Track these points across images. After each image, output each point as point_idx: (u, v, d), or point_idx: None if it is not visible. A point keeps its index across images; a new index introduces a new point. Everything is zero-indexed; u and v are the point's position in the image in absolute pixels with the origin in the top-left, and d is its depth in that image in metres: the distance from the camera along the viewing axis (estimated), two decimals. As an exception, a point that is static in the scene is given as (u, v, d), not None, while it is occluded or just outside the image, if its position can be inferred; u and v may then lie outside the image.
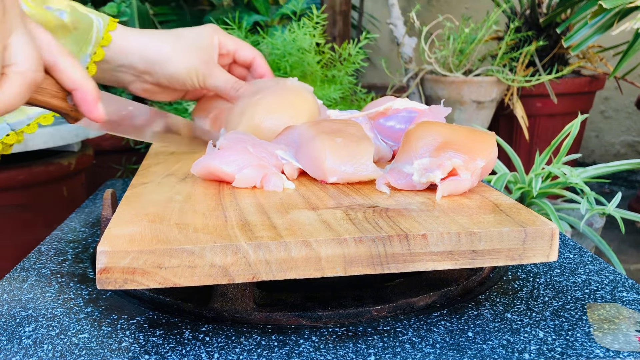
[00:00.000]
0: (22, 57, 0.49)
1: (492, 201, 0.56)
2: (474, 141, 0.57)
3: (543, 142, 1.92)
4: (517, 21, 1.83)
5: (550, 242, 0.49)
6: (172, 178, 0.65)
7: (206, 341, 0.50)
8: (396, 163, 0.60)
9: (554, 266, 0.66)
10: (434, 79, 1.81)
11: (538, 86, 1.83)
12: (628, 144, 2.70)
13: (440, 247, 0.48)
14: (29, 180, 1.13)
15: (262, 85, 0.80)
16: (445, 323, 0.53)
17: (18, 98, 0.49)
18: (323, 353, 0.48)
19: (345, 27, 1.80)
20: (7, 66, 0.48)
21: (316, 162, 0.61)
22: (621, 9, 1.46)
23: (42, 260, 0.69)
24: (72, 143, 1.23)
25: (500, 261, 0.49)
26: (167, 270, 0.45)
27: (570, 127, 1.21)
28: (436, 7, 2.84)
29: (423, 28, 1.74)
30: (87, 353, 0.48)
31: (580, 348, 0.48)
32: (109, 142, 1.59)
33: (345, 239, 0.47)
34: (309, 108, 0.77)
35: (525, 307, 0.56)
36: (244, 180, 0.60)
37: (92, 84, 0.57)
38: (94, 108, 0.57)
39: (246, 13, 1.73)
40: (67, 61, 0.54)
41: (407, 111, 0.71)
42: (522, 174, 1.25)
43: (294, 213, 0.52)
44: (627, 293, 0.59)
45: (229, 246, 0.45)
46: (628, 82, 1.89)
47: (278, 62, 1.22)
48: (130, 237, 0.46)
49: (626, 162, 1.22)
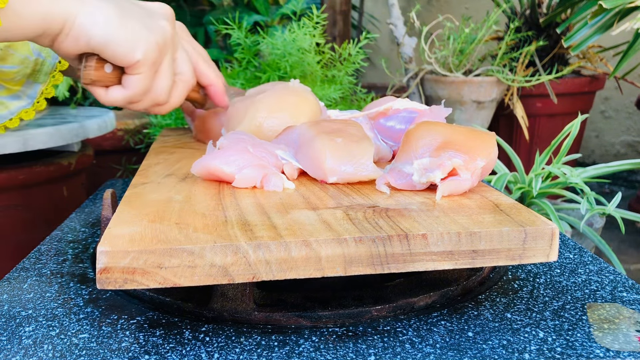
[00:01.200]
0: (185, 67, 0.65)
1: (492, 201, 0.56)
2: (474, 141, 0.57)
3: (543, 142, 1.92)
4: (517, 21, 1.83)
5: (551, 242, 0.49)
6: (172, 178, 0.65)
7: (206, 341, 0.50)
8: (396, 163, 0.60)
9: (554, 266, 0.66)
10: (434, 79, 1.81)
11: (538, 86, 1.83)
12: (628, 144, 2.70)
13: (440, 247, 0.48)
14: (29, 180, 1.13)
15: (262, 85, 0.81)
16: (445, 323, 0.53)
17: (183, 97, 0.67)
18: (323, 353, 0.48)
19: (345, 27, 1.80)
20: (176, 75, 0.65)
21: (316, 162, 0.61)
22: (621, 9, 1.46)
23: (42, 260, 0.69)
24: (72, 143, 1.23)
25: (500, 261, 0.49)
26: (167, 270, 0.45)
27: (570, 127, 1.21)
28: (436, 7, 2.84)
29: (423, 28, 1.75)
30: (87, 353, 0.48)
31: (581, 348, 0.48)
32: (109, 142, 1.59)
33: (345, 239, 0.47)
34: (310, 108, 0.77)
35: (525, 307, 0.56)
36: (244, 180, 0.60)
37: (221, 81, 0.75)
38: (224, 99, 0.77)
39: (246, 13, 1.73)
40: (204, 64, 0.72)
41: (407, 111, 0.71)
42: (522, 174, 1.25)
43: (294, 213, 0.52)
44: (627, 293, 0.59)
45: (229, 246, 0.45)
46: (628, 82, 1.89)
47: (278, 62, 1.22)
48: (131, 237, 0.46)
49: (626, 162, 1.22)
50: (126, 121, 1.62)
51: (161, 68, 0.61)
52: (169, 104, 0.66)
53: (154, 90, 0.62)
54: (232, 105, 0.79)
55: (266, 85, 0.82)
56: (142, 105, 0.63)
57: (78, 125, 1.16)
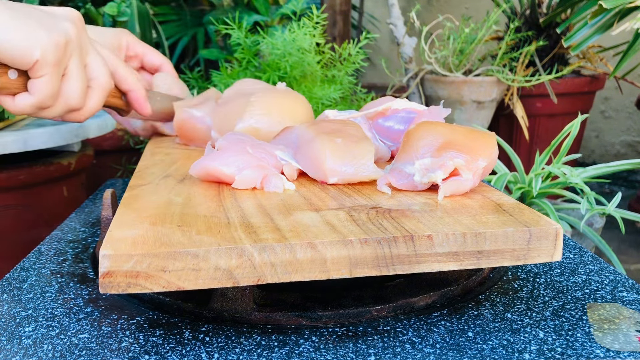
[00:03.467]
0: (99, 72, 0.64)
1: (494, 201, 0.56)
2: (475, 141, 0.57)
3: (543, 142, 1.92)
4: (517, 21, 1.83)
5: (555, 242, 0.49)
6: (170, 180, 0.65)
7: (206, 341, 0.50)
8: (397, 163, 0.60)
9: (554, 266, 0.66)
10: (434, 79, 1.81)
11: (538, 86, 1.83)
12: (628, 144, 2.70)
13: (445, 248, 0.48)
14: (29, 180, 1.13)
15: (251, 87, 0.80)
16: (445, 323, 0.52)
17: (100, 103, 0.65)
18: (323, 353, 0.48)
19: (345, 27, 1.80)
20: (90, 79, 0.63)
21: (316, 162, 0.61)
22: (621, 9, 1.46)
23: (42, 260, 0.69)
24: (72, 143, 1.23)
25: (505, 261, 0.49)
26: (171, 273, 0.45)
27: (570, 127, 1.21)
28: (436, 7, 2.84)
29: (423, 28, 1.74)
30: (87, 353, 0.48)
31: (581, 348, 0.48)
32: (109, 142, 1.59)
33: (350, 240, 0.46)
34: (303, 109, 0.77)
35: (526, 307, 0.56)
36: (244, 182, 0.60)
37: (142, 87, 0.73)
38: (144, 106, 0.74)
39: (246, 13, 1.73)
40: (124, 69, 0.70)
41: (406, 112, 0.71)
42: (522, 174, 1.25)
43: (297, 214, 0.52)
44: (627, 293, 0.59)
45: (233, 249, 0.45)
46: (628, 82, 1.89)
47: (278, 62, 1.22)
48: (133, 240, 0.46)
49: (626, 162, 1.22)
50: None
51: (69, 70, 0.60)
52: (85, 110, 0.64)
53: (64, 94, 0.61)
54: (221, 106, 0.78)
55: (255, 82, 0.81)
56: (55, 111, 0.62)
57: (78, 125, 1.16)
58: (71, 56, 0.60)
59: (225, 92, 0.81)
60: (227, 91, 0.81)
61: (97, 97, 0.64)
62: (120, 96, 0.72)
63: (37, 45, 0.56)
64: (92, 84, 0.64)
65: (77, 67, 0.61)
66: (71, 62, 0.60)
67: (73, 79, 0.61)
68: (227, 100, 0.78)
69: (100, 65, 0.64)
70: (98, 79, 0.64)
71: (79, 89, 0.61)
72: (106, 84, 0.65)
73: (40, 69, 0.57)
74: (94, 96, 0.64)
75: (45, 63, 0.57)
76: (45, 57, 0.57)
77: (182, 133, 0.81)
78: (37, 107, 0.60)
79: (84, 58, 0.62)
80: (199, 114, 0.79)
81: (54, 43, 0.57)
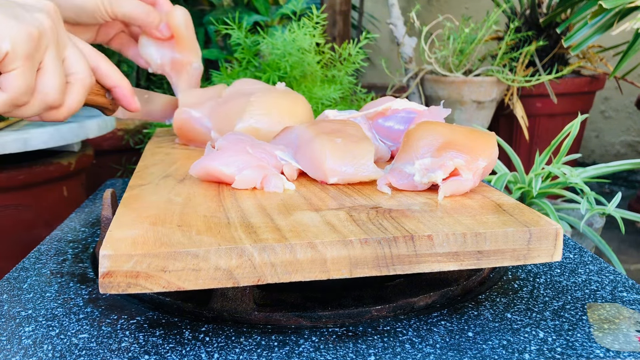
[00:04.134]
0: (78, 66, 0.60)
1: (494, 201, 0.56)
2: (475, 141, 0.57)
3: (543, 142, 1.92)
4: (517, 21, 1.83)
5: (555, 242, 0.49)
6: (170, 179, 0.65)
7: (206, 341, 0.50)
8: (397, 163, 0.60)
9: (554, 266, 0.66)
10: (434, 79, 1.81)
11: (538, 86, 1.83)
12: (628, 144, 2.70)
13: (445, 248, 0.48)
14: (29, 180, 1.13)
15: (250, 87, 0.80)
16: (445, 323, 0.52)
17: (81, 100, 0.61)
18: (323, 353, 0.48)
19: (345, 27, 1.80)
20: (69, 75, 0.59)
21: (316, 162, 0.61)
22: (621, 9, 1.46)
23: (42, 260, 0.69)
24: (72, 143, 1.23)
25: (505, 262, 0.49)
26: (171, 273, 0.45)
27: (570, 127, 1.21)
28: (436, 7, 2.84)
29: (423, 28, 1.74)
30: (87, 353, 0.48)
31: (581, 348, 0.48)
32: (109, 142, 1.59)
33: (351, 240, 0.46)
34: (303, 109, 0.77)
35: (526, 307, 0.56)
36: (244, 182, 0.60)
37: (127, 82, 0.68)
38: (132, 101, 0.69)
39: (246, 13, 1.73)
40: (106, 64, 0.66)
41: (406, 112, 0.71)
42: (522, 174, 1.25)
43: (297, 214, 0.52)
44: (627, 293, 0.59)
45: (233, 249, 0.45)
46: (628, 82, 1.89)
47: (278, 62, 1.22)
48: (133, 240, 0.46)
49: (626, 162, 1.22)
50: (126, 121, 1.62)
51: (44, 64, 0.56)
52: (65, 107, 0.60)
53: (40, 90, 0.57)
54: (220, 105, 0.78)
55: (254, 82, 0.81)
56: (32, 109, 0.58)
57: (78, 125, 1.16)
58: (46, 49, 0.56)
59: (226, 90, 0.81)
60: (227, 89, 0.81)
61: (77, 93, 0.60)
62: (103, 93, 0.68)
63: (6, 35, 0.52)
64: (71, 79, 0.60)
65: (53, 60, 0.57)
66: (46, 55, 0.56)
67: (49, 73, 0.57)
68: (226, 100, 0.78)
69: (78, 59, 0.60)
70: (77, 74, 0.60)
71: (56, 84, 0.57)
72: (86, 78, 0.61)
73: (11, 62, 0.53)
74: (73, 92, 0.60)
75: (16, 55, 0.53)
76: (15, 49, 0.53)
77: (181, 133, 0.81)
78: (11, 104, 0.56)
79: (61, 52, 0.58)
80: (198, 115, 0.79)
81: (26, 34, 0.53)
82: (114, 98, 0.69)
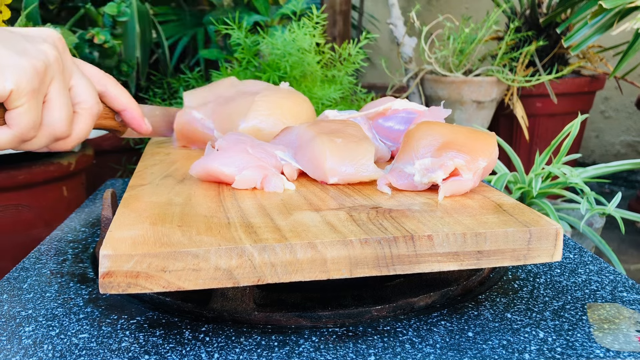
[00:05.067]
0: (85, 95, 0.58)
1: (495, 201, 0.56)
2: (475, 141, 0.57)
3: (543, 142, 1.92)
4: (517, 21, 1.83)
5: (555, 242, 0.49)
6: (170, 180, 0.65)
7: (206, 341, 0.50)
8: (397, 163, 0.60)
9: (554, 266, 0.66)
10: (434, 79, 1.81)
11: (538, 86, 1.83)
12: (628, 144, 2.70)
13: (445, 248, 0.48)
14: (29, 180, 1.13)
15: (252, 87, 0.80)
16: (445, 323, 0.53)
17: (89, 129, 0.60)
18: (323, 353, 0.48)
19: (345, 27, 1.80)
20: (76, 104, 0.58)
21: (316, 162, 0.61)
22: (621, 9, 1.46)
23: (42, 260, 0.69)
24: (72, 143, 1.23)
25: (505, 262, 0.49)
26: (171, 273, 0.45)
27: (570, 127, 1.21)
28: (436, 7, 2.84)
29: (423, 28, 1.75)
30: (87, 353, 0.48)
31: (581, 348, 0.48)
32: (109, 142, 1.59)
33: (350, 240, 0.46)
34: (307, 110, 0.77)
35: (526, 307, 0.56)
36: (244, 182, 0.60)
37: (136, 104, 0.67)
38: (142, 123, 0.68)
39: (246, 13, 1.73)
40: (114, 87, 0.65)
41: (406, 112, 0.71)
42: (522, 174, 1.25)
43: (297, 214, 0.52)
44: (627, 293, 0.59)
45: (233, 249, 0.45)
46: (628, 82, 1.89)
47: (278, 62, 1.22)
48: (133, 241, 0.46)
49: (626, 162, 1.22)
50: None
51: (50, 97, 0.55)
52: (72, 137, 0.59)
53: (47, 123, 0.55)
54: (223, 106, 0.78)
55: (258, 83, 0.81)
56: (40, 142, 0.56)
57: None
58: (52, 81, 0.54)
59: (232, 87, 0.80)
60: (229, 90, 0.80)
61: (84, 122, 0.59)
62: (112, 116, 0.66)
63: (9, 73, 0.50)
64: (78, 109, 0.58)
65: (59, 92, 0.55)
66: (52, 87, 0.54)
67: (56, 105, 0.55)
68: (229, 100, 0.78)
69: (85, 88, 0.58)
70: (85, 103, 0.58)
71: (62, 116, 0.56)
72: (94, 107, 0.59)
73: (16, 99, 0.51)
74: (81, 122, 0.58)
75: (21, 92, 0.51)
76: (20, 86, 0.51)
77: (182, 135, 0.81)
78: (19, 140, 0.54)
79: (67, 81, 0.56)
80: (200, 116, 0.79)
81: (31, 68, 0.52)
82: (124, 121, 0.68)
